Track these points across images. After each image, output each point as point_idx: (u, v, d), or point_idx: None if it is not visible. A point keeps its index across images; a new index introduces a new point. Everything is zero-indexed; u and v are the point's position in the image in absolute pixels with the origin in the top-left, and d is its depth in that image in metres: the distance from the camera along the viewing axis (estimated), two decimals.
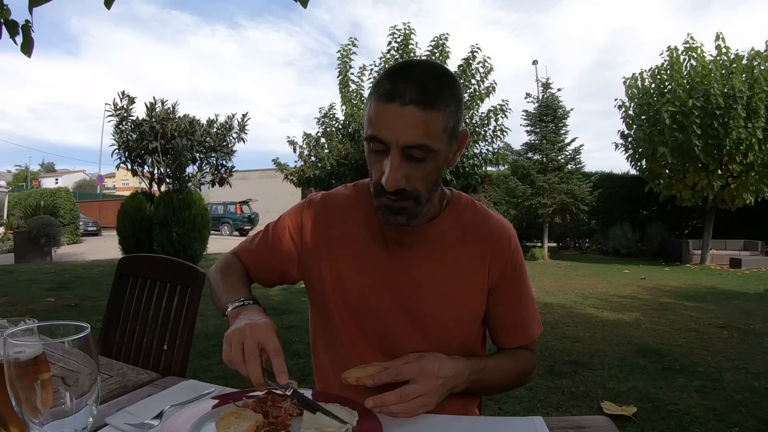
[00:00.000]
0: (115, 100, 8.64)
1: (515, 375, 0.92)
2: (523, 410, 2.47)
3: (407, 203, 0.79)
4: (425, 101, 0.73)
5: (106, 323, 1.42)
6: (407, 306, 0.88)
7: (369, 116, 0.77)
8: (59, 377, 0.51)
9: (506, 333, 0.95)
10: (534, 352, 0.97)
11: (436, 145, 0.75)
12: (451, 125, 0.77)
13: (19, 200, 14.01)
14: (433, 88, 0.74)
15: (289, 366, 0.70)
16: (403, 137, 0.73)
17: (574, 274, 8.45)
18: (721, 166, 9.45)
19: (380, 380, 0.74)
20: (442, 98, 0.74)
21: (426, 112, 0.73)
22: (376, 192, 0.81)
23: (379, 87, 0.76)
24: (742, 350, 3.65)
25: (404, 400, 0.72)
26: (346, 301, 0.90)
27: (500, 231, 0.92)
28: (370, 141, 0.77)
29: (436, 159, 0.77)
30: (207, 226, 8.83)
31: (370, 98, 0.77)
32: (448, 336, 0.89)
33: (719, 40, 9.27)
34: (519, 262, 0.93)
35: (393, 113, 0.73)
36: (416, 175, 0.77)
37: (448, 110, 0.76)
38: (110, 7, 1.94)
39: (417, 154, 0.75)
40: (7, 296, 5.47)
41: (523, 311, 0.94)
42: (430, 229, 0.90)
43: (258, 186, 24.19)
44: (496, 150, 11.00)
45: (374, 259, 0.90)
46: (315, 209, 0.97)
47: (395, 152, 0.74)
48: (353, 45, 10.77)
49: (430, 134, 0.74)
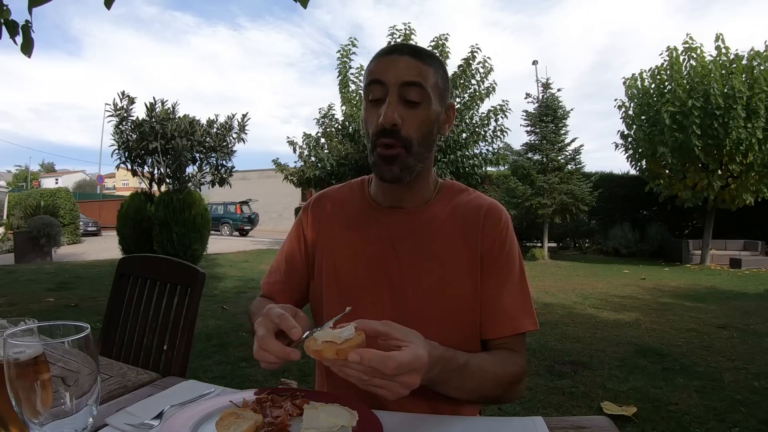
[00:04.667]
0: (115, 101, 8.65)
1: (497, 381, 0.81)
2: (523, 410, 2.47)
3: (399, 150, 0.83)
4: (418, 55, 0.84)
5: (106, 323, 1.42)
6: (401, 292, 0.88)
7: (369, 70, 0.86)
8: (59, 377, 0.51)
9: (490, 318, 0.87)
10: (522, 355, 0.88)
11: (429, 90, 0.83)
12: (441, 85, 0.87)
13: (19, 200, 14.00)
14: (424, 50, 0.87)
15: (289, 366, 0.69)
16: (401, 75, 0.82)
17: (574, 274, 8.45)
18: (721, 167, 9.46)
19: (368, 360, 0.59)
20: (432, 59, 0.86)
21: (420, 62, 0.84)
22: (373, 144, 0.85)
23: (378, 51, 0.87)
24: (742, 350, 3.65)
25: (391, 370, 0.59)
26: (341, 288, 0.91)
27: (491, 207, 0.92)
28: (369, 86, 0.85)
29: (428, 109, 0.84)
30: (207, 226, 8.83)
31: (369, 64, 0.87)
32: (445, 323, 0.86)
33: (719, 40, 9.27)
34: (510, 243, 0.90)
35: (391, 60, 0.84)
36: (411, 120, 0.83)
37: (437, 72, 0.86)
38: (110, 7, 1.94)
39: (413, 96, 0.82)
40: (7, 296, 5.47)
41: (512, 298, 0.87)
42: (422, 212, 0.92)
43: (258, 186, 24.19)
44: (496, 150, 11.02)
45: (369, 246, 0.91)
46: (311, 211, 1.01)
47: (393, 91, 0.82)
48: (353, 45, 10.79)
49: (424, 77, 0.83)
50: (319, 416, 0.67)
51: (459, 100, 10.72)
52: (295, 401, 0.73)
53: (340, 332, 0.61)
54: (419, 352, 0.63)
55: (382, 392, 0.62)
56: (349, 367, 0.60)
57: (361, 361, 0.58)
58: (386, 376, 0.60)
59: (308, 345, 0.63)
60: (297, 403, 0.72)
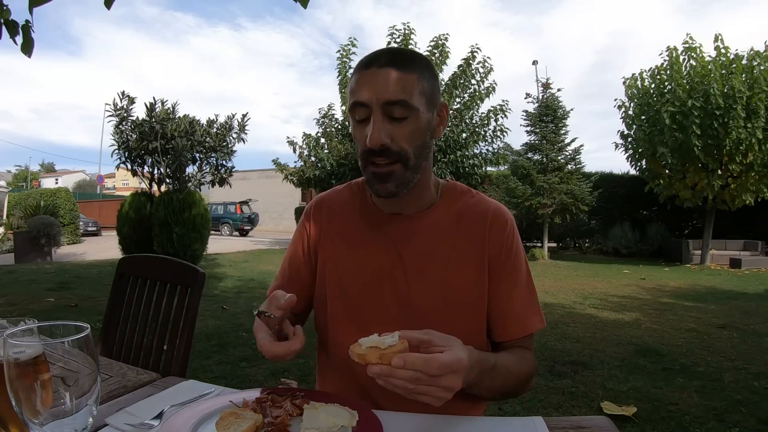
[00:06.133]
0: (115, 101, 8.65)
1: (517, 379, 0.85)
2: (523, 410, 2.47)
3: (394, 167, 0.81)
4: (399, 63, 0.79)
5: (106, 323, 1.41)
6: (406, 298, 0.87)
7: (350, 89, 0.82)
8: (59, 377, 0.51)
9: (502, 322, 0.89)
10: (532, 352, 0.91)
11: (415, 103, 0.79)
12: (427, 90, 0.82)
13: (19, 200, 13.99)
14: (405, 55, 0.82)
15: (289, 366, 0.70)
16: (383, 94, 0.78)
17: (574, 274, 8.45)
18: (720, 166, 9.46)
19: (413, 365, 0.60)
20: (414, 64, 0.81)
21: (401, 72, 0.79)
22: (364, 161, 0.83)
23: (358, 63, 0.83)
24: (742, 350, 3.65)
25: (435, 370, 0.61)
26: (345, 295, 0.90)
27: (496, 212, 0.91)
28: (353, 109, 0.81)
29: (417, 119, 0.80)
30: (207, 226, 8.83)
31: (351, 79, 0.83)
32: (451, 329, 0.84)
33: (718, 40, 9.27)
34: (516, 247, 0.91)
35: (371, 76, 0.79)
36: (401, 135, 0.80)
37: (422, 76, 0.81)
38: (110, 7, 1.94)
39: (398, 113, 0.78)
40: (7, 296, 5.47)
41: (521, 300, 0.89)
42: (426, 217, 0.90)
43: (258, 186, 24.19)
44: (496, 150, 11.02)
45: (372, 252, 0.90)
46: (312, 214, 1.00)
47: (376, 111, 0.78)
48: (353, 45, 10.79)
49: (407, 91, 0.78)
50: (319, 416, 0.67)
51: (459, 100, 10.72)
52: (295, 401, 0.73)
53: (384, 339, 0.64)
54: (460, 355, 0.65)
55: (427, 399, 0.63)
56: (395, 376, 0.61)
57: (405, 364, 0.59)
58: (431, 379, 0.61)
59: (353, 350, 0.65)
60: (297, 403, 0.72)
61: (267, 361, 2.26)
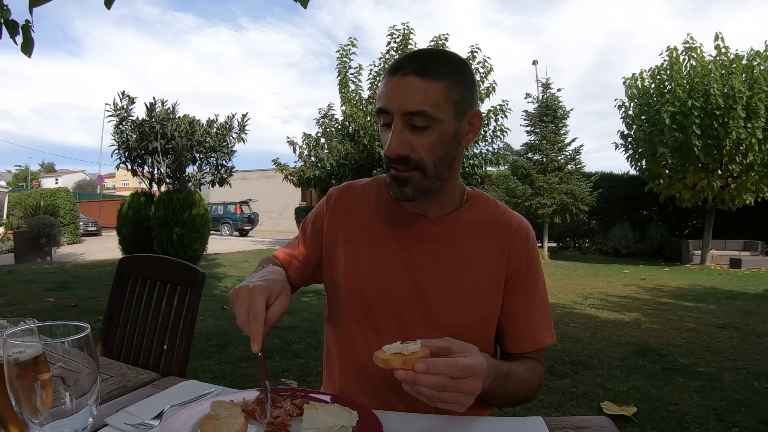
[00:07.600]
0: (115, 101, 8.65)
1: (526, 389, 0.86)
2: (523, 410, 2.47)
3: (412, 173, 0.81)
4: (424, 71, 0.77)
5: (106, 323, 1.41)
6: (423, 299, 0.87)
7: (378, 93, 0.82)
8: (59, 377, 0.51)
9: (515, 335, 0.90)
10: (543, 363, 0.92)
11: (438, 113, 0.78)
12: (455, 98, 0.79)
13: (19, 200, 13.99)
14: (435, 60, 0.79)
15: (289, 366, 0.70)
16: (404, 104, 0.77)
17: (574, 274, 8.45)
18: (720, 167, 9.46)
19: (436, 368, 0.63)
20: (443, 71, 0.79)
21: (425, 81, 0.77)
22: (386, 165, 0.84)
23: (389, 66, 0.82)
24: (742, 350, 3.65)
25: (458, 372, 0.64)
26: (361, 291, 0.90)
27: (519, 225, 0.92)
28: (378, 114, 0.82)
29: (439, 129, 0.79)
30: (207, 226, 8.82)
31: (381, 81, 0.83)
32: (462, 333, 0.85)
33: (718, 40, 9.27)
34: (536, 262, 0.92)
35: (395, 83, 0.78)
36: (421, 145, 0.79)
37: (451, 83, 0.79)
38: (110, 7, 1.93)
39: (419, 122, 0.78)
40: (7, 296, 5.47)
41: (535, 314, 0.90)
42: (448, 221, 0.90)
43: (258, 186, 24.19)
44: (496, 150, 11.02)
45: (391, 250, 0.90)
46: (335, 199, 0.99)
47: (397, 119, 0.78)
48: (353, 45, 10.79)
49: (429, 101, 0.77)
50: (319, 416, 0.67)
51: None
52: (295, 401, 0.73)
53: (407, 346, 0.66)
54: (480, 359, 0.67)
55: (449, 406, 0.65)
56: (420, 382, 0.62)
57: (428, 368, 0.62)
58: (455, 384, 0.63)
59: (377, 356, 0.67)
60: (297, 403, 0.72)
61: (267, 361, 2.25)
